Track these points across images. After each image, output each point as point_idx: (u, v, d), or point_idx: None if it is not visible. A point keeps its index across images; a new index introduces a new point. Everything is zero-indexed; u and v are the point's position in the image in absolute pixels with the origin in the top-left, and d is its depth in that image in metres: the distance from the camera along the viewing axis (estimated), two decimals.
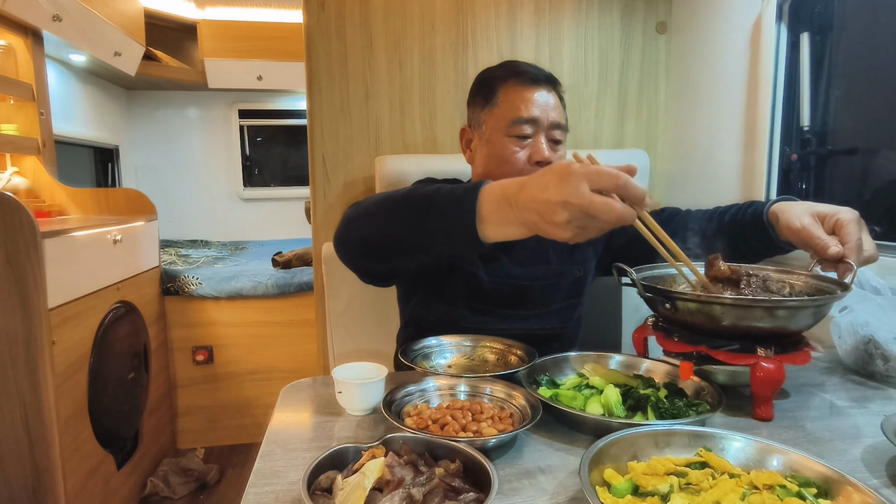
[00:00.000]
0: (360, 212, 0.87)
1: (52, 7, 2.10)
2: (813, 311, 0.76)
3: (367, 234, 0.86)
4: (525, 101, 1.04)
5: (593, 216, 0.61)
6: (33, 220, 1.49)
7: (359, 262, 0.91)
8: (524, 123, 1.03)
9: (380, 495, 0.53)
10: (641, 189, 0.61)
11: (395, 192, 0.84)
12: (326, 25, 1.47)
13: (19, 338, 1.51)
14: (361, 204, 0.89)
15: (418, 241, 0.79)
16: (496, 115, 1.06)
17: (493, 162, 1.07)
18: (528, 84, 1.05)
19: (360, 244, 0.88)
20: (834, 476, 0.54)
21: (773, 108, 1.34)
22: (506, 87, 1.06)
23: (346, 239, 0.89)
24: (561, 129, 1.06)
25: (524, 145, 1.04)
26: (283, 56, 3.45)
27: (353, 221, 0.88)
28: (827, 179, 1.35)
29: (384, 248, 0.84)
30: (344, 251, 0.91)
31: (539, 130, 1.04)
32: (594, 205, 0.60)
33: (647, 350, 0.92)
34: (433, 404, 0.78)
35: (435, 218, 0.74)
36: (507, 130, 1.04)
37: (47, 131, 2.32)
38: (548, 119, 1.04)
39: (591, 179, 0.60)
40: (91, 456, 1.79)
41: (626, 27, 1.62)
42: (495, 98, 1.07)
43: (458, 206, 0.72)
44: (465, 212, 0.70)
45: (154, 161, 3.79)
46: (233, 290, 2.49)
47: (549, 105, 1.05)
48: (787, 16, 1.33)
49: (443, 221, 0.73)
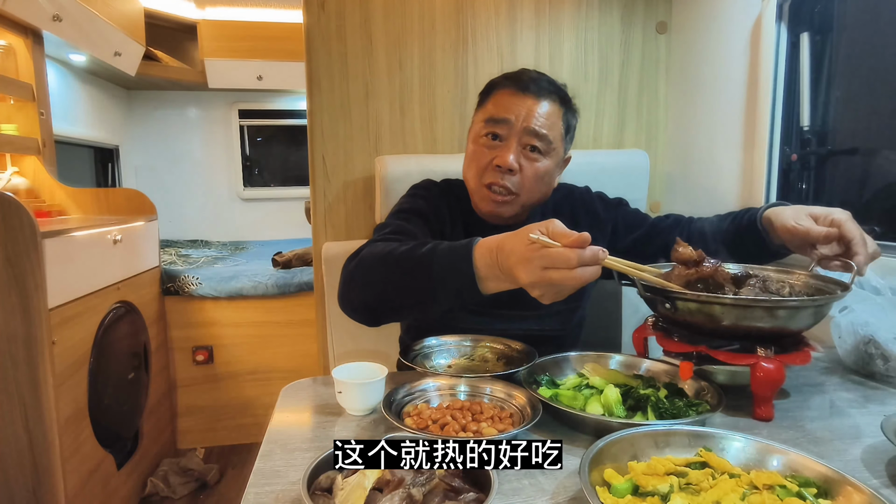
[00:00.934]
0: (358, 277, 0.89)
1: (52, 7, 2.10)
2: (813, 311, 0.76)
3: (369, 302, 0.89)
4: (504, 104, 1.03)
5: (565, 289, 0.68)
6: (33, 220, 1.49)
7: (364, 318, 0.93)
8: (494, 123, 1.03)
9: (380, 495, 0.53)
10: (593, 254, 0.67)
11: (389, 255, 0.85)
12: (326, 25, 1.47)
13: (19, 338, 1.51)
14: (360, 265, 0.89)
15: (422, 306, 0.84)
16: (479, 116, 1.08)
17: (465, 161, 1.09)
18: (516, 89, 1.04)
19: (363, 309, 0.91)
20: (834, 476, 0.54)
21: (773, 108, 1.34)
22: (499, 91, 1.06)
23: (348, 302, 0.92)
24: (539, 139, 1.02)
25: (493, 146, 1.03)
26: (283, 56, 3.45)
27: (352, 287, 0.90)
28: (827, 179, 1.35)
29: (388, 311, 0.90)
30: (348, 312, 0.93)
31: (511, 135, 1.02)
32: (555, 281, 0.67)
33: (647, 350, 0.92)
34: (433, 404, 0.78)
35: (437, 286, 0.79)
36: (481, 129, 1.05)
37: (47, 131, 2.32)
38: (521, 124, 1.01)
39: (545, 262, 0.67)
40: (91, 456, 1.79)
41: (626, 27, 1.62)
42: (486, 100, 1.08)
43: (456, 272, 0.77)
44: (465, 275, 0.76)
45: (154, 161, 3.79)
46: (233, 290, 2.49)
47: (530, 111, 1.01)
48: (787, 16, 1.33)
49: (446, 289, 0.79)
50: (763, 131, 1.34)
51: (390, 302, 0.86)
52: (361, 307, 0.91)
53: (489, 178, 1.03)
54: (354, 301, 0.90)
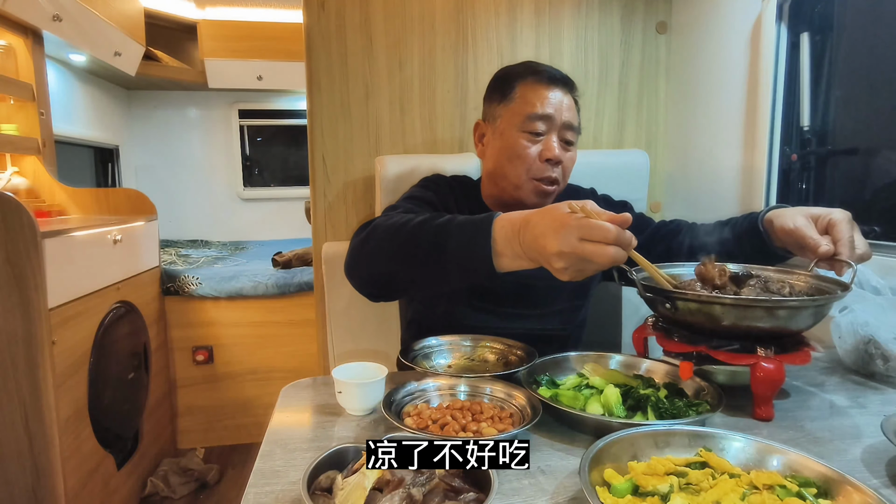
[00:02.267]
0: (370, 247, 0.87)
1: (52, 7, 2.10)
2: (813, 311, 0.76)
3: (380, 272, 0.87)
4: (541, 98, 1.05)
5: (588, 260, 0.67)
6: (33, 220, 1.49)
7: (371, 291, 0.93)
8: (538, 120, 1.04)
9: (380, 495, 0.53)
10: (629, 236, 0.67)
11: (404, 226, 0.84)
12: (326, 25, 1.47)
13: (19, 338, 1.51)
14: (372, 234, 0.87)
15: (433, 278, 0.83)
16: (512, 110, 1.07)
17: (504, 156, 1.08)
18: (545, 82, 1.06)
19: (371, 281, 0.90)
20: (834, 476, 0.54)
21: (773, 108, 1.34)
22: (524, 84, 1.07)
23: (356, 273, 0.91)
24: (573, 131, 1.07)
25: (536, 141, 1.05)
26: (283, 56, 3.45)
27: (362, 256, 0.88)
28: (827, 179, 1.35)
29: (398, 283, 0.88)
30: (355, 282, 0.92)
31: (552, 129, 1.05)
32: (586, 253, 0.66)
33: (647, 350, 0.92)
34: (433, 404, 0.78)
35: (451, 257, 0.78)
36: (522, 126, 1.05)
37: (47, 131, 2.32)
38: (561, 118, 1.05)
39: (582, 232, 0.66)
40: (91, 456, 1.79)
41: (626, 27, 1.62)
42: (512, 94, 1.08)
43: (472, 244, 0.76)
44: (481, 247, 0.75)
45: (154, 161, 3.79)
46: (233, 290, 2.49)
47: (563, 105, 1.05)
48: (787, 16, 1.33)
49: (459, 259, 0.77)
50: (763, 131, 1.34)
51: (400, 272, 0.84)
52: (369, 278, 0.89)
53: (537, 171, 1.06)
54: (363, 271, 0.89)
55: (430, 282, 0.85)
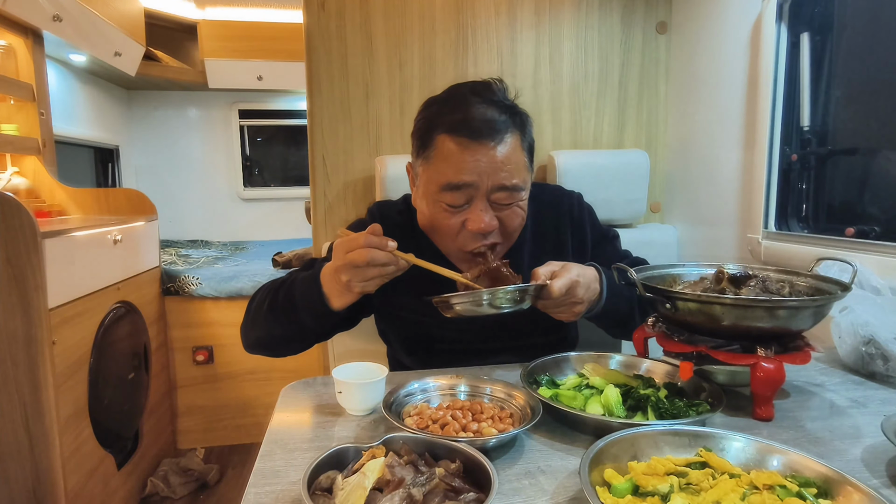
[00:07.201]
0: (247, 320, 1.02)
1: (52, 7, 2.10)
2: (813, 311, 0.76)
3: (260, 336, 1.00)
4: (458, 164, 0.88)
5: (359, 266, 0.79)
6: (33, 221, 1.49)
7: (264, 353, 1.04)
8: (453, 190, 0.89)
9: (380, 495, 0.53)
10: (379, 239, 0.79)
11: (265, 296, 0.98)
12: (326, 25, 1.47)
13: (19, 338, 1.51)
14: (249, 308, 1.02)
15: (295, 332, 0.96)
16: (428, 173, 0.92)
17: (428, 223, 0.97)
18: (465, 139, 0.88)
19: (257, 345, 1.02)
20: (834, 476, 0.54)
21: (773, 108, 1.34)
22: (441, 139, 0.90)
23: (246, 342, 1.04)
24: (508, 190, 0.90)
25: (456, 211, 0.91)
26: (283, 56, 3.45)
27: (245, 328, 1.03)
28: (827, 179, 1.35)
29: (275, 342, 1.01)
30: (249, 349, 1.04)
31: (476, 196, 0.89)
32: (351, 259, 0.80)
33: (647, 350, 0.92)
34: (433, 404, 0.78)
35: (301, 311, 0.91)
36: (437, 196, 0.91)
37: (47, 131, 2.32)
38: (487, 184, 0.88)
39: (345, 247, 0.81)
40: (91, 456, 1.79)
41: (626, 27, 1.62)
42: (430, 149, 0.92)
43: (311, 296, 0.89)
44: (317, 295, 0.88)
45: (154, 161, 3.78)
46: (233, 290, 2.49)
47: (492, 165, 0.87)
48: (787, 16, 1.33)
49: (306, 311, 0.91)
50: (763, 131, 1.34)
51: (275, 334, 0.97)
52: (256, 344, 1.02)
53: (465, 244, 0.93)
54: (251, 338, 1.01)
55: (294, 335, 0.97)
